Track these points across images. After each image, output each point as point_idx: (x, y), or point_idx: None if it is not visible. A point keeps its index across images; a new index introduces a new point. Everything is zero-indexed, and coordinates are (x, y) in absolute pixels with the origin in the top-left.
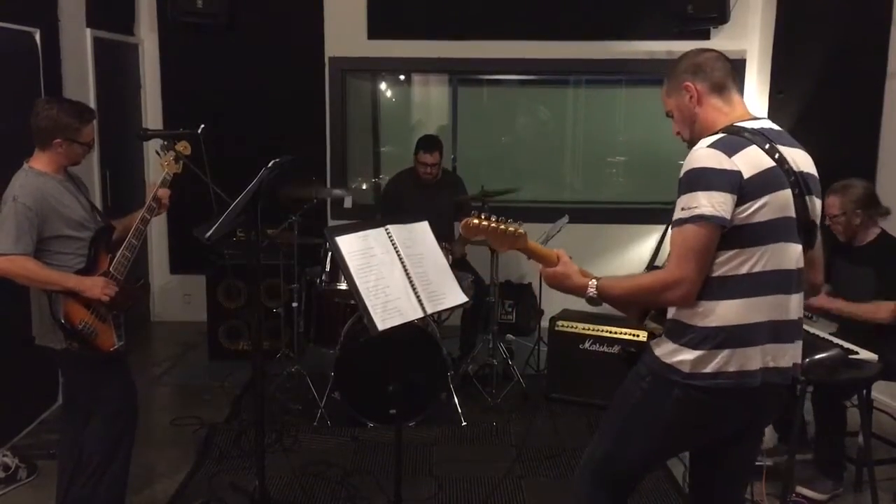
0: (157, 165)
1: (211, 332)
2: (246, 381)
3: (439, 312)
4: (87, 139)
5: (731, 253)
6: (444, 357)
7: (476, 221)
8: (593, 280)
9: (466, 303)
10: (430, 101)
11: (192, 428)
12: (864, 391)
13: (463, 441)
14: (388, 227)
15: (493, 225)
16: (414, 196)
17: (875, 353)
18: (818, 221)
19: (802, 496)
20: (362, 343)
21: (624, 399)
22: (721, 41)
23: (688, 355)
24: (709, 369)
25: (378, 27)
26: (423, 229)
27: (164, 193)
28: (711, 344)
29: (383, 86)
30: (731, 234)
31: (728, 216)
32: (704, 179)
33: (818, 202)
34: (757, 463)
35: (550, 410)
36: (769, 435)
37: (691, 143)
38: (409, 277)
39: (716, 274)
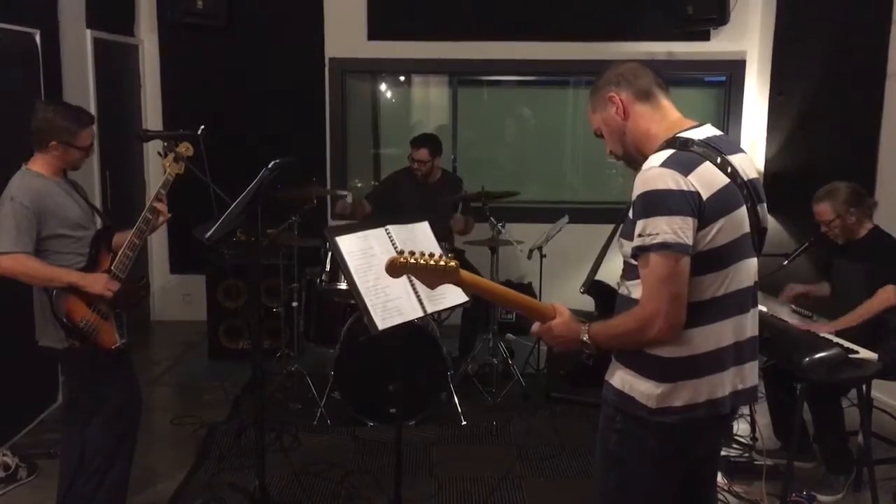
0: (158, 166)
1: (211, 332)
2: (246, 381)
3: (439, 312)
4: (83, 144)
5: (697, 279)
6: (444, 357)
7: (401, 260)
8: (585, 324)
9: (466, 302)
10: (430, 102)
11: (192, 428)
12: (864, 390)
13: (463, 441)
14: (388, 227)
15: (419, 261)
16: (412, 195)
17: (874, 352)
18: (767, 227)
19: (818, 501)
20: (362, 343)
21: (604, 449)
22: (721, 42)
23: (653, 389)
24: (678, 403)
25: (378, 28)
26: (423, 229)
27: (161, 208)
28: (679, 375)
29: (383, 86)
30: (696, 261)
31: (690, 241)
32: (664, 202)
33: (765, 206)
34: (756, 462)
35: (550, 410)
36: (769, 436)
37: (625, 159)
38: (409, 277)
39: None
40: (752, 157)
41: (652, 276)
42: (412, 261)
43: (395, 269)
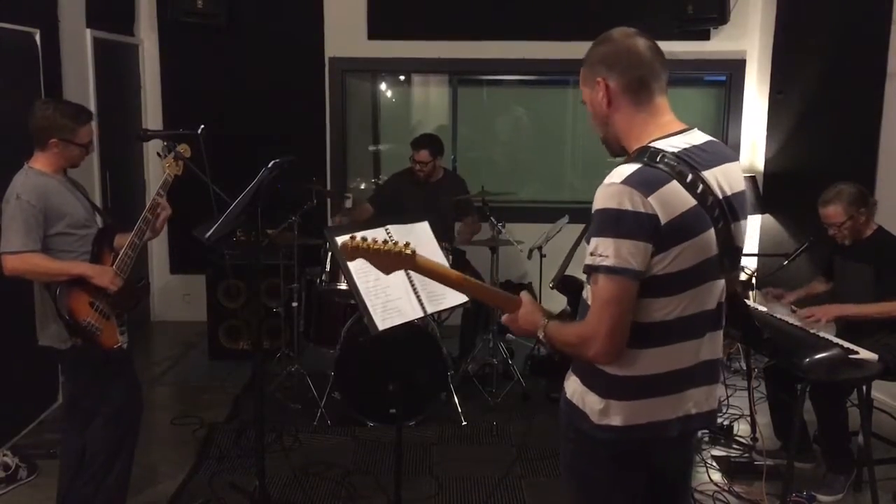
0: (158, 166)
1: (211, 332)
2: (246, 381)
3: (439, 312)
4: (83, 140)
5: (648, 301)
6: (444, 357)
7: (354, 243)
8: (544, 319)
9: (466, 302)
10: (429, 102)
11: (192, 428)
12: (865, 391)
13: (463, 441)
14: (388, 227)
15: (371, 247)
16: (414, 196)
17: (875, 351)
18: (743, 245)
19: (818, 501)
20: (362, 343)
21: (563, 457)
22: (721, 41)
23: (597, 403)
24: (617, 422)
25: (378, 27)
26: (423, 229)
27: (161, 204)
28: (619, 394)
29: (383, 86)
30: (649, 283)
31: (641, 267)
32: (617, 224)
33: (744, 224)
34: (756, 462)
35: (550, 410)
36: (769, 435)
37: (604, 142)
38: (409, 277)
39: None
40: (752, 157)
41: (597, 297)
42: (364, 245)
43: (347, 251)
